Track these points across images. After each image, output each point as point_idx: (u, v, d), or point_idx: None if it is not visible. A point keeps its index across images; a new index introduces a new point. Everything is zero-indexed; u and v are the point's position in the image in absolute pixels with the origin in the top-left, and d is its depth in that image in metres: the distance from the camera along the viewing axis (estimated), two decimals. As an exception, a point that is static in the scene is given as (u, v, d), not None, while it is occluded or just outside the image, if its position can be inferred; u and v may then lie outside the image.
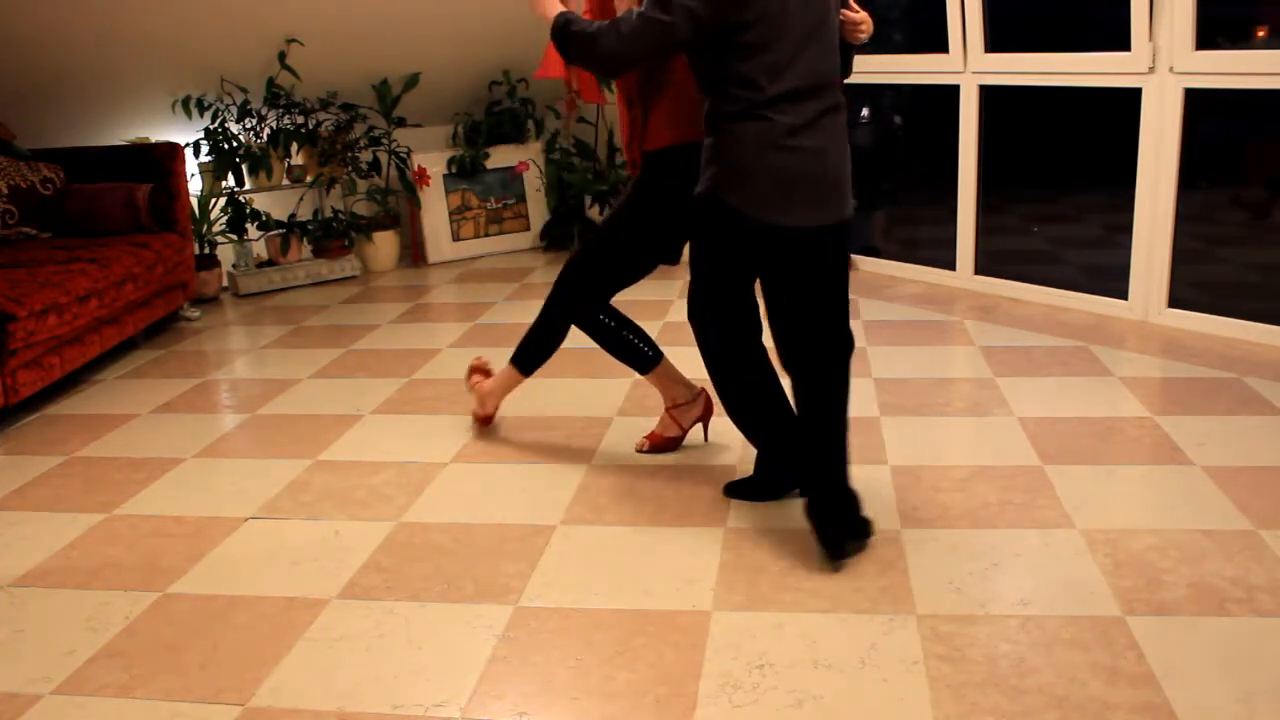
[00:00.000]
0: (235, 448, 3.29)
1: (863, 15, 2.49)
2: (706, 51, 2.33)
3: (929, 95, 4.97)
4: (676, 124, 2.67)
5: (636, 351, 2.99)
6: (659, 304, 4.76)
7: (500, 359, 4.08)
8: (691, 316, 2.59)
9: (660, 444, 3.10)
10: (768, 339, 2.53)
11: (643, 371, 3.03)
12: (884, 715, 1.88)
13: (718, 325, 2.56)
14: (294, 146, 5.42)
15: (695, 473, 2.93)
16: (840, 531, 2.41)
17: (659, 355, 3.02)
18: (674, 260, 2.95)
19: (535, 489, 2.87)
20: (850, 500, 2.45)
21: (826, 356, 2.46)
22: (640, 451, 3.10)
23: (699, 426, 3.15)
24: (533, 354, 3.11)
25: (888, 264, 5.15)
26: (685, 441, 3.13)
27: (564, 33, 2.39)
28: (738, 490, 2.77)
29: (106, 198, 4.50)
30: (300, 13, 5.05)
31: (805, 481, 2.52)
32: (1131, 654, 2.02)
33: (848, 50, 2.51)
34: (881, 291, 4.83)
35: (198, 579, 2.47)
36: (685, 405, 3.08)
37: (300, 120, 5.42)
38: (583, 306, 2.93)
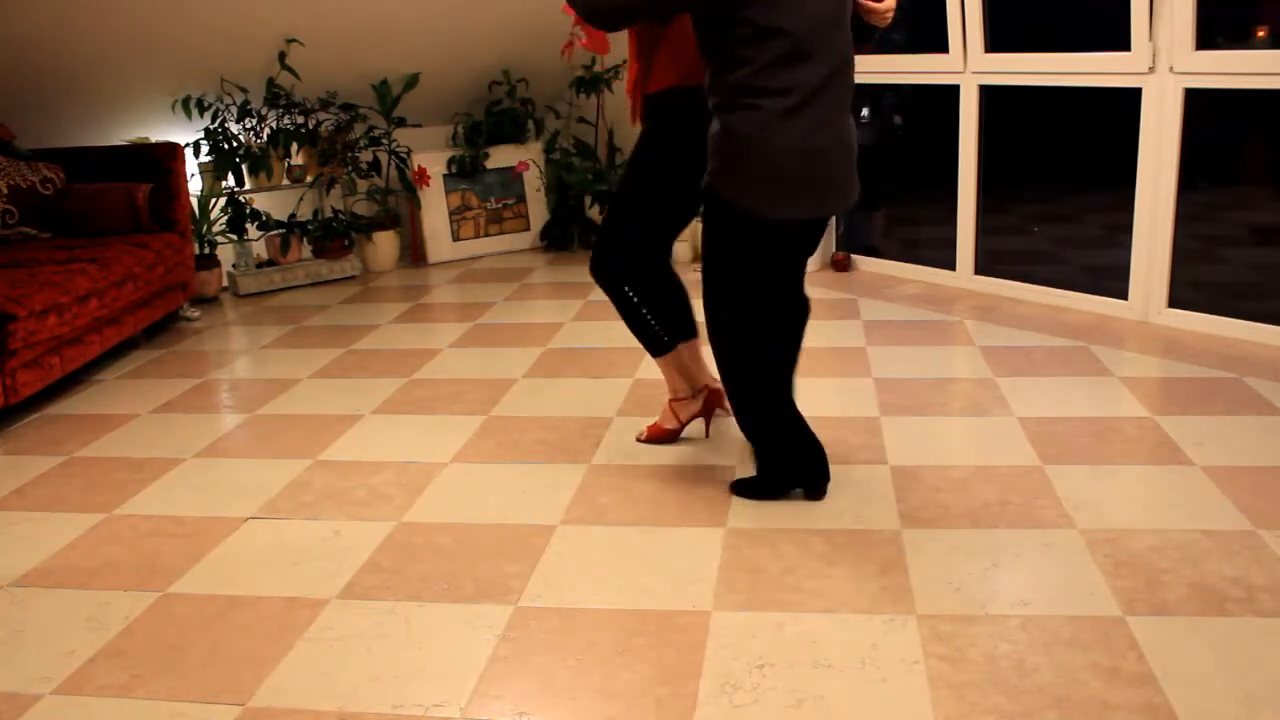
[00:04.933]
0: (235, 448, 3.29)
1: (887, 4, 2.47)
2: (706, 19, 2.35)
3: (929, 95, 4.97)
4: (676, 67, 2.67)
5: (650, 333, 2.93)
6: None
7: (499, 358, 4.10)
8: (706, 308, 2.65)
9: (658, 435, 3.11)
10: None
11: (653, 355, 2.99)
12: (884, 715, 1.88)
13: (730, 321, 2.62)
14: (294, 146, 5.42)
15: (695, 473, 2.93)
16: (817, 474, 2.69)
17: (673, 344, 2.96)
18: (695, 211, 2.83)
19: (535, 489, 2.87)
20: (820, 452, 2.69)
21: (799, 320, 2.67)
22: (639, 441, 3.11)
23: (700, 422, 3.14)
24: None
25: (888, 264, 5.15)
26: (686, 441, 3.13)
27: None
28: (742, 488, 2.77)
29: (106, 198, 4.50)
30: (300, 13, 5.05)
31: (788, 445, 2.66)
32: (1131, 654, 2.02)
33: (865, 31, 2.53)
34: (881, 291, 4.83)
35: (198, 579, 2.47)
36: (685, 400, 3.07)
37: (300, 120, 5.42)
38: (606, 270, 2.86)
